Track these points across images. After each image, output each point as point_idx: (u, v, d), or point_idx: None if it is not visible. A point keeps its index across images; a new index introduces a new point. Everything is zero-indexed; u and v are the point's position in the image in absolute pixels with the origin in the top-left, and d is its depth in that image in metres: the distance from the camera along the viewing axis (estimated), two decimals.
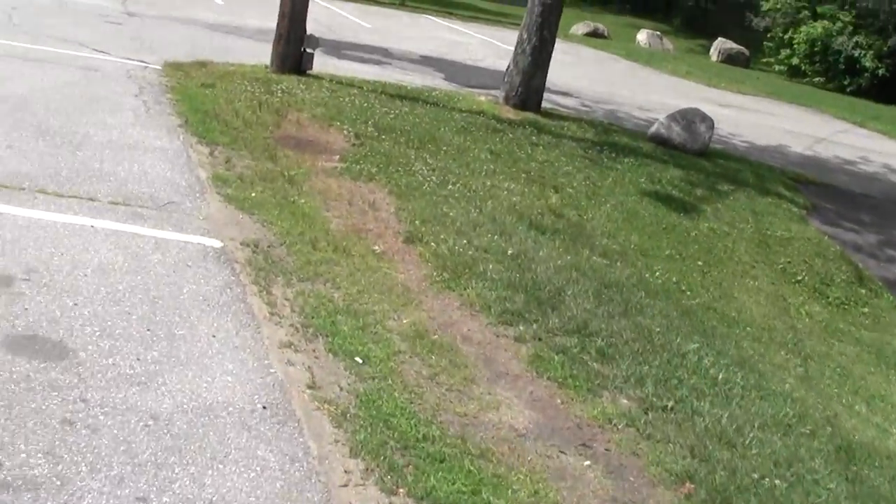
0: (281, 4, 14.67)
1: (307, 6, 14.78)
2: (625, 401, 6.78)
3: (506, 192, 10.87)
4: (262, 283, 7.13)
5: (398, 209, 9.43)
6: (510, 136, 13.70)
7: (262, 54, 16.01)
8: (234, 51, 16.70)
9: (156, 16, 19.42)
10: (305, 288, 7.21)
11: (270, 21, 23.15)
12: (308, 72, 14.92)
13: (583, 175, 12.61)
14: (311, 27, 15.48)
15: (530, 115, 15.66)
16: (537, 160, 12.80)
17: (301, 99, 13.13)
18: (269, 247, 7.84)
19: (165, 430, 5.03)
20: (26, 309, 5.89)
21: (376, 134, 11.97)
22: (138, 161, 9.27)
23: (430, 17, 31.04)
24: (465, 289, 7.88)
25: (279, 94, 13.16)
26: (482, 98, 16.27)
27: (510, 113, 15.57)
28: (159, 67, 13.93)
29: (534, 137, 14.02)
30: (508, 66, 16.15)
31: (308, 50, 14.84)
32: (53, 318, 5.86)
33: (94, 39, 15.19)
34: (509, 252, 8.93)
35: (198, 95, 12.35)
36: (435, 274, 8.06)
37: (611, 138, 15.30)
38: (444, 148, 12.12)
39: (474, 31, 29.00)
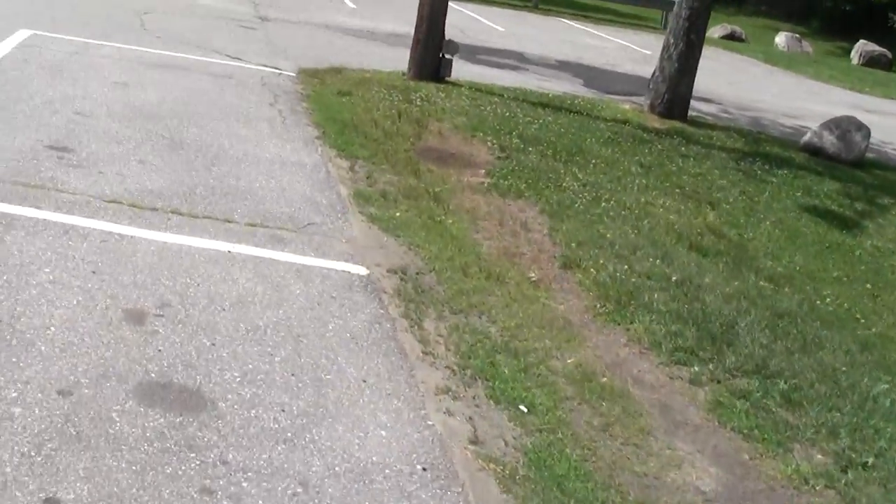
0: (419, 9, 14.01)
1: (446, 10, 14.10)
2: (819, 456, 5.93)
3: (661, 210, 10.02)
4: (413, 316, 6.44)
5: (551, 230, 8.67)
6: (658, 146, 12.85)
7: (397, 59, 15.42)
8: (369, 56, 16.13)
9: (288, 20, 18.97)
10: (459, 321, 6.49)
11: (404, 25, 22.65)
12: (446, 78, 14.20)
13: (738, 189, 11.70)
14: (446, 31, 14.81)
15: (676, 124, 14.78)
16: (689, 173, 11.92)
17: (441, 108, 12.45)
18: (417, 273, 7.15)
19: (316, 501, 4.33)
20: (160, 350, 5.28)
21: (522, 146, 11.23)
22: (276, 177, 8.67)
23: (563, 19, 30.21)
24: (630, 322, 7.09)
25: (418, 103, 12.51)
26: (626, 106, 15.42)
27: (656, 121, 14.71)
28: (294, 74, 13.39)
29: (683, 148, 13.14)
30: (654, 73, 15.27)
31: (447, 56, 14.15)
32: (189, 360, 5.23)
33: (226, 45, 14.73)
34: (673, 278, 8.11)
35: (334, 104, 11.76)
36: (597, 305, 7.29)
37: (762, 148, 14.34)
38: (593, 161, 11.32)
39: (609, 35, 28.08)
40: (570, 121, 13.30)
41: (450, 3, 14.41)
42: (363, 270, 7.04)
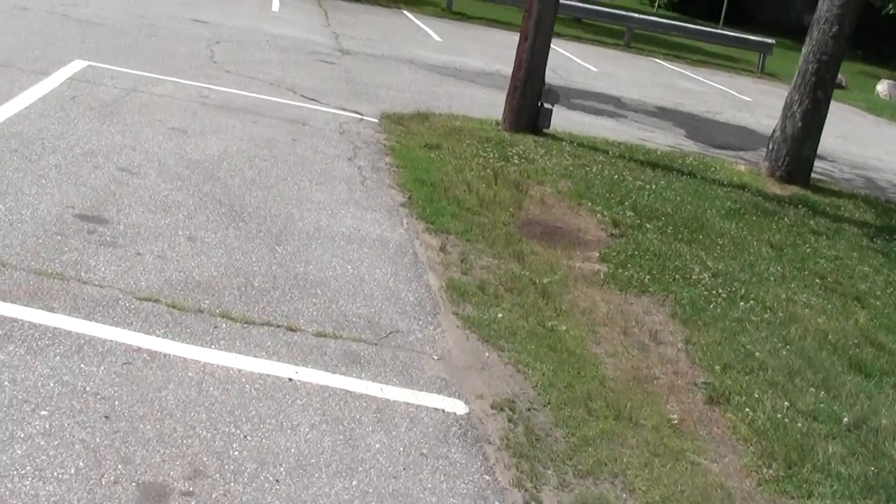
0: (517, 52, 12.31)
1: (547, 54, 12.37)
2: None
3: (806, 310, 8.22)
4: (528, 484, 4.74)
5: (687, 342, 6.89)
6: (785, 220, 11.04)
7: (488, 103, 13.81)
8: (458, 98, 14.46)
9: (371, 54, 17.37)
10: (587, 492, 4.72)
11: (492, 61, 20.96)
12: (544, 130, 12.45)
13: (882, 278, 9.87)
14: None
15: (799, 191, 12.98)
16: (825, 255, 10.10)
17: (542, 168, 10.73)
18: (528, 410, 5.43)
19: None
20: None
21: (636, 220, 9.47)
22: (353, 260, 6.99)
23: (656, 59, 28.38)
24: (808, 496, 5.26)
25: (516, 161, 10.79)
26: (741, 167, 13.61)
27: (776, 187, 12.88)
28: (376, 121, 11.74)
29: (811, 222, 11.32)
30: (773, 132, 13.42)
31: (546, 105, 12.40)
32: None
33: (303, 83, 13.12)
34: (844, 419, 6.29)
35: (421, 161, 10.07)
36: (761, 465, 5.49)
37: (894, 221, 12.42)
38: (718, 240, 9.54)
39: (705, 78, 26.20)
40: (684, 186, 11.49)
41: None
42: (461, 407, 5.32)
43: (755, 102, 23.15)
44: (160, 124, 9.53)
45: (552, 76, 19.15)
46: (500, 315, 6.72)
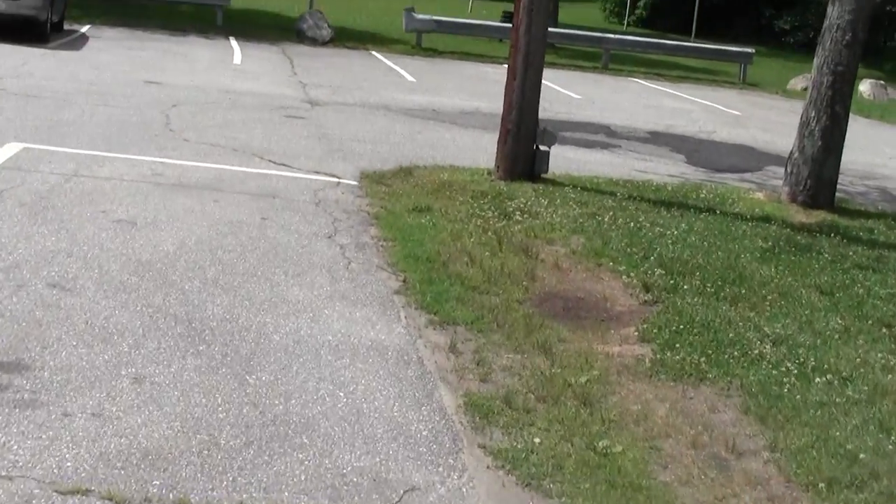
0: (506, 92, 10.80)
1: (539, 92, 10.85)
2: None
3: (889, 376, 6.64)
4: None
5: (772, 448, 5.46)
6: (824, 255, 9.68)
7: (474, 148, 12.47)
8: (441, 145, 12.97)
9: (342, 102, 15.84)
10: None
11: (470, 98, 19.41)
12: (542, 175, 10.91)
13: None
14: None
15: (826, 216, 11.56)
16: (880, 296, 8.70)
17: (549, 223, 9.23)
18: None
19: None
20: None
21: (668, 279, 7.97)
22: (345, 384, 5.48)
23: (636, 79, 26.97)
24: None
25: (518, 218, 9.29)
26: (759, 195, 12.14)
27: (801, 214, 11.42)
28: (355, 183, 10.22)
29: (850, 253, 9.94)
30: (791, 154, 11.95)
31: (542, 148, 10.86)
32: None
33: (271, 145, 11.58)
34: None
35: (412, 229, 8.56)
36: None
37: None
38: (763, 292, 8.10)
39: (689, 95, 24.80)
40: (706, 226, 10.01)
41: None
42: None
43: (745, 116, 21.77)
44: (104, 217, 7.95)
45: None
46: (537, 440, 5.16)
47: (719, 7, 43.84)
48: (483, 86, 21.39)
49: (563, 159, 12.62)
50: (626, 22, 47.86)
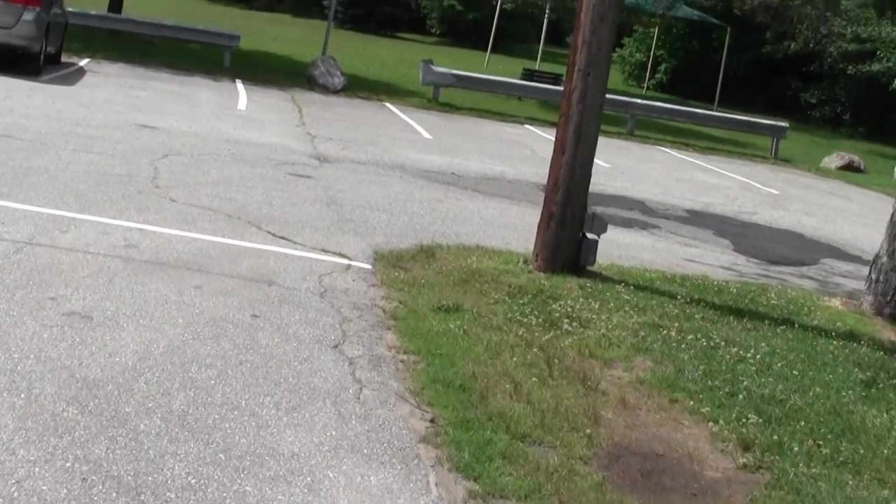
0: (551, 170, 9.04)
1: (591, 170, 9.01)
2: None
3: None
4: None
5: None
6: None
7: (503, 224, 11.35)
8: (465, 218, 11.19)
9: (354, 160, 14.05)
10: None
11: (492, 162, 17.55)
12: (588, 268, 9.03)
13: None
14: (536, 165, 9.77)
15: None
16: None
17: (605, 336, 7.42)
18: None
19: None
20: None
21: (766, 430, 6.24)
22: None
23: (664, 148, 25.25)
24: None
25: (567, 327, 7.46)
26: (835, 303, 10.27)
27: (889, 330, 9.56)
28: (368, 266, 8.37)
29: None
30: (877, 258, 10.16)
31: (589, 236, 9.00)
32: None
33: (272, 211, 9.76)
34: None
35: (439, 338, 6.78)
36: None
37: None
38: (885, 453, 6.18)
39: (722, 169, 23.06)
40: (789, 346, 8.34)
41: (535, 129, 9.36)
42: None
43: (784, 196, 20.01)
44: (52, 307, 6.06)
45: None
46: None
47: (743, 77, 42.23)
48: (504, 147, 19.64)
49: (603, 241, 10.76)
50: (645, 86, 46.27)
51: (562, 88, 9.96)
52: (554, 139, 9.43)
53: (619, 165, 19.74)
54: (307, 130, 17.02)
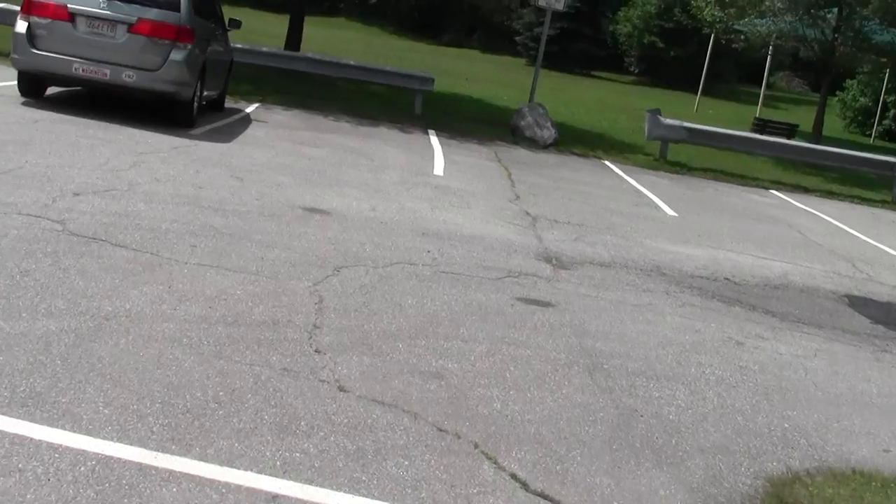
0: None
1: None
2: None
3: None
4: None
5: None
6: None
7: (853, 402, 6.81)
8: (793, 387, 7.12)
9: (595, 260, 10.10)
10: None
11: (764, 253, 12.84)
12: None
13: None
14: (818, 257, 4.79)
15: None
16: None
17: None
18: None
19: None
20: None
21: None
22: None
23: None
24: None
25: None
26: None
27: None
28: None
29: None
30: None
31: None
32: None
33: (504, 409, 5.62)
34: None
35: None
36: None
37: None
38: None
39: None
40: None
41: (785, 196, 4.44)
42: None
43: None
44: None
45: (849, 270, 11.06)
46: None
47: None
48: (765, 228, 14.78)
49: None
50: (872, 133, 40.24)
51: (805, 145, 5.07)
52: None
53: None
54: (524, 207, 12.47)
